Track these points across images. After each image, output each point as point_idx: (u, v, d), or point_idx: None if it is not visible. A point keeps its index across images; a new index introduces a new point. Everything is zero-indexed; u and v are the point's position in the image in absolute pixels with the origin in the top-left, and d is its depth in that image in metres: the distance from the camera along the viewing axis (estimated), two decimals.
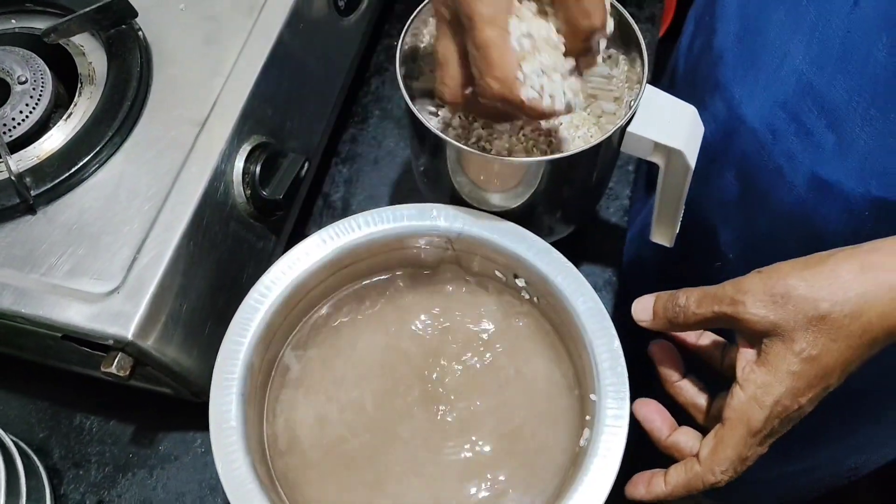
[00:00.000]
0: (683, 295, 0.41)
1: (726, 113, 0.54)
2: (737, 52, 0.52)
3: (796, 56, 0.47)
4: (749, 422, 0.38)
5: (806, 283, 0.37)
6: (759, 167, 0.52)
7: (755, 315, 0.38)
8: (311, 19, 0.59)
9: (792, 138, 0.49)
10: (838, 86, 0.45)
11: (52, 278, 0.46)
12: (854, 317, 0.36)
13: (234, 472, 0.42)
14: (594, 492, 0.42)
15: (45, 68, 0.53)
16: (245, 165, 0.52)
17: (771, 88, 0.49)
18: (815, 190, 0.49)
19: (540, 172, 0.48)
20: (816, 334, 0.37)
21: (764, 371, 0.38)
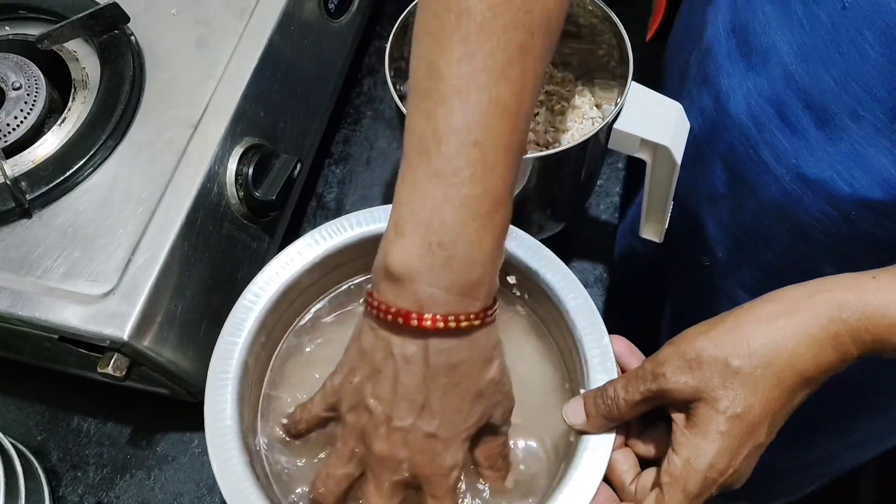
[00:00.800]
0: (611, 387, 0.42)
1: (713, 106, 0.54)
2: (725, 46, 0.52)
3: (783, 50, 0.47)
4: (685, 487, 0.39)
5: (713, 342, 0.38)
6: (745, 160, 0.53)
7: (676, 383, 0.38)
8: (301, 22, 0.59)
9: (776, 133, 0.49)
10: (825, 81, 0.45)
11: (48, 281, 0.47)
12: (765, 367, 0.37)
13: (230, 471, 0.43)
14: (584, 487, 0.42)
15: (38, 74, 0.54)
16: (238, 167, 0.52)
17: (757, 81, 0.50)
18: (799, 183, 0.49)
19: (529, 170, 0.49)
20: (736, 390, 0.37)
21: (694, 433, 0.39)
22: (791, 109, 0.48)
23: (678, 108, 0.49)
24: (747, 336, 0.37)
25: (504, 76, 0.34)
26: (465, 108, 0.34)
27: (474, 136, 0.34)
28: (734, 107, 0.52)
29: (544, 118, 0.54)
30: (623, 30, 0.50)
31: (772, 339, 0.37)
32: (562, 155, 0.48)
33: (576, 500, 0.42)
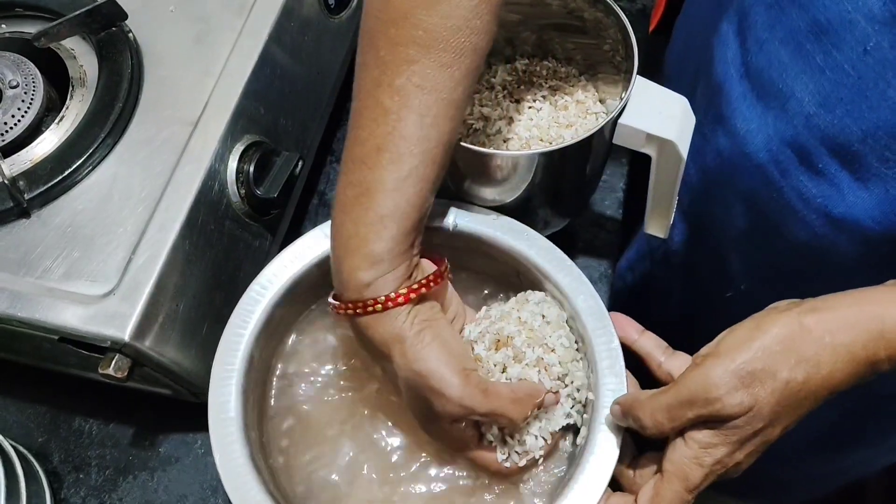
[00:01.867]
0: (646, 415, 0.40)
1: (731, 147, 0.52)
2: (739, 88, 0.51)
3: (803, 97, 0.46)
4: (687, 479, 0.39)
5: (763, 353, 0.38)
6: (769, 202, 0.51)
7: (734, 406, 0.38)
8: (301, 18, 0.59)
9: (801, 178, 0.48)
10: (850, 129, 0.44)
11: (48, 281, 0.47)
12: (804, 382, 0.37)
13: (232, 463, 0.42)
14: (590, 490, 0.42)
15: (36, 72, 0.53)
16: (239, 165, 0.52)
17: (777, 127, 0.48)
18: (829, 226, 0.48)
19: (533, 166, 0.49)
20: (774, 405, 0.37)
21: (712, 434, 0.39)
22: (815, 155, 0.47)
23: (684, 102, 0.49)
24: (795, 347, 0.37)
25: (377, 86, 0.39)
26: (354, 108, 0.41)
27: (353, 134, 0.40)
28: (753, 150, 0.50)
29: (548, 114, 0.53)
30: (628, 24, 0.49)
31: (815, 353, 0.37)
32: (566, 151, 0.47)
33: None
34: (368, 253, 0.40)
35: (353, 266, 0.40)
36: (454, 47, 0.38)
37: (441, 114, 0.40)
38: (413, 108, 0.39)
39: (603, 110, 0.55)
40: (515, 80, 0.56)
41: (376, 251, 0.40)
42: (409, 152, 0.39)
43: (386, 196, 0.40)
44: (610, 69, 0.55)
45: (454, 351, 0.41)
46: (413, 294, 0.41)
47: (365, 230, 0.40)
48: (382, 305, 0.40)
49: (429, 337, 0.41)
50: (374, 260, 0.40)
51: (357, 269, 0.40)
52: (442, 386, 0.40)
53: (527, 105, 0.54)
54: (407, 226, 0.40)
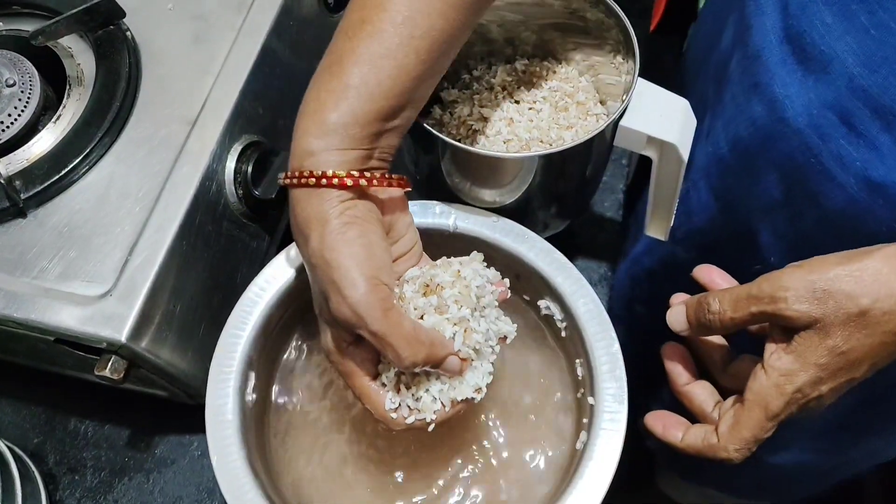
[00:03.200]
0: (715, 299, 0.41)
1: (767, 115, 0.52)
2: (779, 53, 0.50)
3: (846, 58, 0.45)
4: (767, 407, 0.39)
5: (850, 277, 0.37)
6: (806, 169, 0.51)
7: (797, 311, 0.38)
8: (300, 17, 0.58)
9: (842, 141, 0.48)
10: (893, 87, 0.44)
11: (44, 281, 0.46)
12: (892, 313, 0.36)
13: (229, 466, 0.42)
14: (589, 496, 0.41)
15: (33, 71, 0.53)
16: (237, 165, 0.51)
17: (818, 90, 0.48)
18: (867, 191, 0.48)
19: (533, 168, 0.48)
20: (853, 330, 0.37)
21: (791, 359, 0.38)
22: (857, 117, 0.47)
23: (685, 104, 0.48)
24: (887, 280, 0.37)
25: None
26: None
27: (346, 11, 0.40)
28: (793, 116, 0.50)
29: (548, 115, 0.53)
30: (629, 25, 0.49)
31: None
32: (567, 152, 0.47)
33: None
34: (322, 119, 0.38)
35: (305, 130, 0.39)
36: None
37: (435, 6, 0.39)
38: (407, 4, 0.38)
39: (604, 112, 0.55)
40: (515, 81, 0.56)
41: (330, 119, 0.38)
42: (391, 30, 0.38)
43: (356, 66, 0.38)
44: (611, 70, 0.55)
45: (374, 256, 0.39)
46: (351, 180, 0.38)
47: (325, 96, 0.38)
48: (317, 180, 0.38)
49: (354, 232, 0.38)
50: (325, 129, 0.38)
51: (307, 133, 0.39)
52: (344, 284, 0.37)
53: (527, 106, 0.54)
54: (371, 109, 0.39)
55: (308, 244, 0.39)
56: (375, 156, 0.40)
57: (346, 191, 0.39)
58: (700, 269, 0.46)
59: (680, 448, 0.42)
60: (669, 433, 0.43)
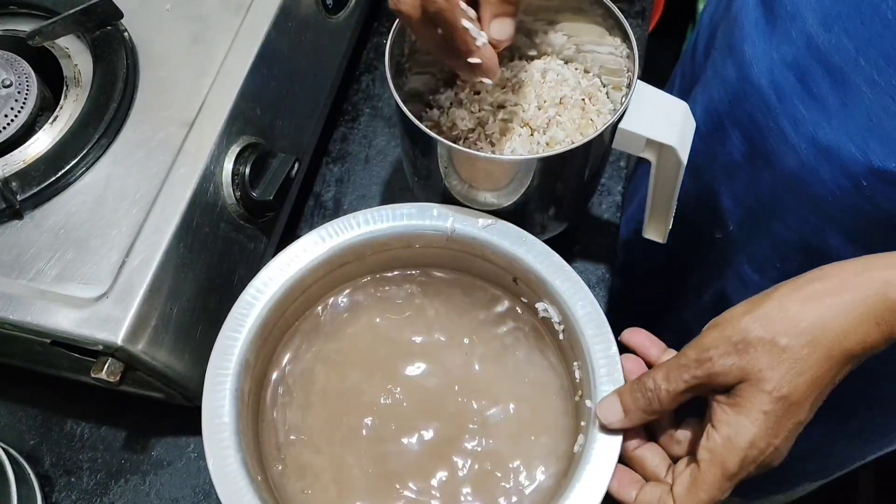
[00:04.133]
0: (649, 378, 0.41)
1: (736, 74, 0.54)
2: (753, 14, 0.52)
3: (807, 16, 0.47)
4: (724, 465, 0.38)
5: (759, 322, 0.38)
6: (765, 130, 0.52)
7: (724, 366, 0.38)
8: (298, 18, 0.58)
9: (797, 101, 0.49)
10: (845, 46, 0.45)
11: (40, 283, 0.46)
12: (812, 345, 0.37)
13: (226, 470, 0.42)
14: (587, 499, 0.41)
15: (30, 71, 0.52)
16: (234, 166, 0.51)
17: (780, 48, 0.49)
18: (816, 154, 0.49)
19: (531, 170, 0.48)
20: (783, 370, 0.37)
21: (736, 412, 0.38)
22: (812, 76, 0.48)
23: (684, 107, 0.48)
24: (795, 315, 0.37)
25: None
26: None
27: None
28: (757, 75, 0.51)
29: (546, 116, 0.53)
30: (629, 28, 0.49)
31: (820, 317, 0.37)
32: (565, 155, 0.47)
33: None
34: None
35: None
36: None
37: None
38: None
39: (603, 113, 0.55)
40: (513, 82, 0.55)
41: None
42: None
43: None
44: (609, 71, 0.55)
45: None
46: None
47: None
48: None
49: None
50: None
51: None
52: None
53: (525, 107, 0.53)
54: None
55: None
56: None
57: None
58: (628, 332, 0.46)
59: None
60: (623, 491, 0.42)
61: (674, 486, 0.40)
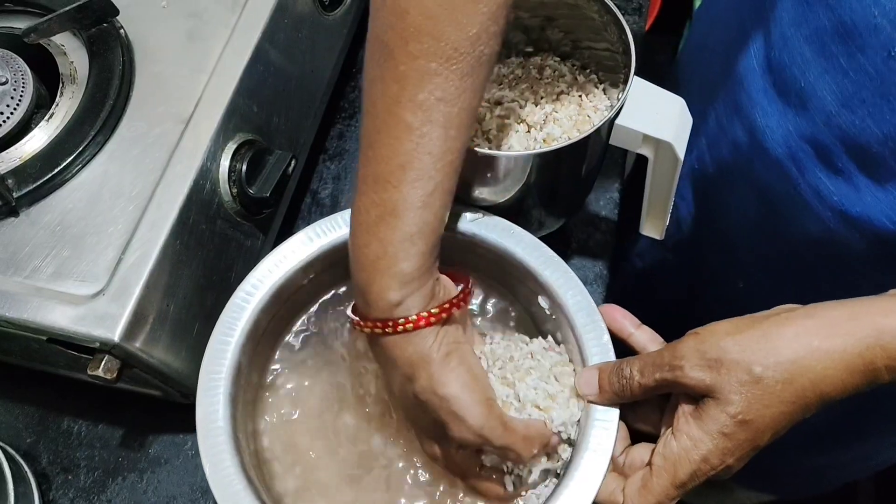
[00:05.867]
0: (627, 366, 0.42)
1: (748, 140, 0.53)
2: (760, 82, 0.51)
3: (824, 96, 0.46)
4: (675, 474, 0.39)
5: (739, 346, 0.38)
6: (783, 196, 0.52)
7: (692, 379, 0.38)
8: (295, 15, 0.58)
9: (819, 175, 0.48)
10: (870, 130, 0.44)
11: (37, 281, 0.46)
12: (787, 382, 0.37)
13: (222, 473, 0.42)
14: (585, 486, 0.42)
15: (25, 68, 0.52)
16: (231, 163, 0.51)
17: (796, 123, 0.48)
18: (843, 224, 0.48)
19: (528, 166, 0.48)
20: (750, 399, 0.37)
21: (697, 426, 0.39)
22: (834, 153, 0.47)
23: (681, 102, 0.48)
24: (776, 347, 0.37)
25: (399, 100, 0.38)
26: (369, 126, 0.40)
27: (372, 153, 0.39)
28: (772, 145, 0.50)
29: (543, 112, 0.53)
30: (625, 23, 0.49)
31: (801, 357, 0.37)
32: (562, 151, 0.47)
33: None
34: (398, 272, 0.39)
35: (384, 286, 0.39)
36: (475, 56, 0.38)
37: (463, 124, 0.39)
38: (436, 123, 0.38)
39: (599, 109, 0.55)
40: (509, 79, 0.55)
41: (406, 270, 0.39)
42: (433, 168, 0.39)
43: (414, 214, 0.39)
44: (606, 69, 0.55)
45: (479, 378, 0.41)
46: (444, 314, 0.40)
47: (394, 250, 0.39)
48: (414, 325, 0.40)
49: (455, 361, 0.40)
50: (404, 280, 0.39)
51: (387, 289, 0.39)
52: (465, 413, 0.40)
53: (522, 103, 0.53)
54: (433, 241, 0.40)
55: (416, 383, 0.40)
56: (436, 264, 0.42)
57: (438, 323, 0.40)
58: (604, 308, 0.46)
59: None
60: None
61: (626, 484, 0.41)
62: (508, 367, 0.44)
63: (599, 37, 0.53)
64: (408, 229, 0.39)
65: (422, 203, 0.39)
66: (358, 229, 0.40)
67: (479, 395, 0.40)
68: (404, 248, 0.39)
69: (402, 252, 0.39)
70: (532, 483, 0.44)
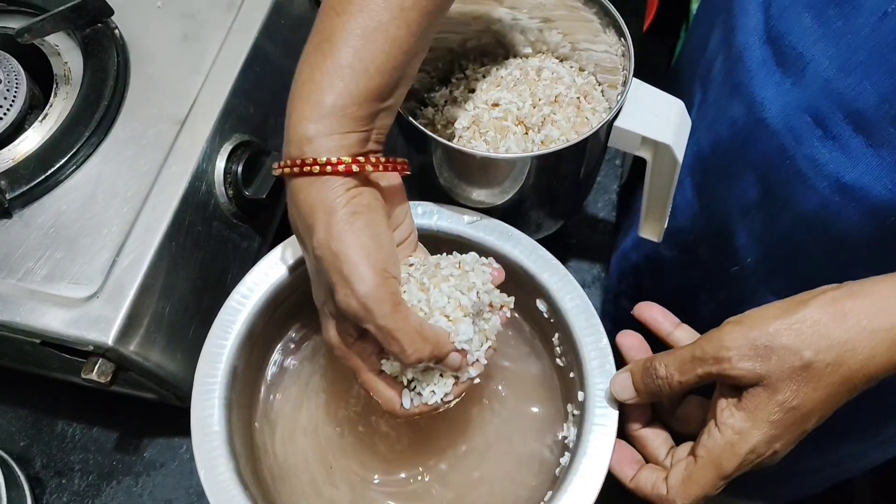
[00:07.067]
0: (660, 364, 0.40)
1: (745, 116, 0.53)
2: (759, 55, 0.51)
3: (822, 62, 0.46)
4: (721, 466, 0.38)
5: (790, 331, 0.37)
6: (781, 171, 0.52)
7: (742, 370, 0.37)
8: (291, 15, 0.58)
9: (816, 143, 0.48)
10: (867, 93, 0.44)
11: (30, 283, 0.45)
12: (836, 365, 0.36)
13: (217, 478, 0.41)
14: (585, 490, 0.41)
15: (19, 69, 0.52)
16: (227, 164, 0.51)
17: (795, 92, 0.49)
18: (839, 194, 0.48)
19: (526, 168, 0.48)
20: (800, 384, 0.37)
21: (743, 416, 0.38)
22: (831, 120, 0.47)
23: (680, 105, 0.48)
24: (825, 330, 0.36)
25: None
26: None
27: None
28: (770, 117, 0.50)
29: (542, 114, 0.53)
30: (624, 25, 0.49)
31: (850, 338, 0.36)
32: (560, 153, 0.47)
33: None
34: (318, 102, 0.37)
35: (301, 115, 0.37)
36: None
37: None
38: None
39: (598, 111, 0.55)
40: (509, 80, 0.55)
41: (326, 102, 0.37)
42: (381, 3, 0.37)
43: (348, 44, 0.37)
44: (604, 70, 0.54)
45: (382, 247, 0.38)
46: (357, 166, 0.37)
47: (320, 77, 0.37)
48: (321, 168, 0.37)
49: (361, 222, 0.37)
50: (322, 112, 0.37)
51: (303, 118, 0.37)
52: (354, 277, 0.36)
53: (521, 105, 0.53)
54: (368, 87, 0.37)
55: (313, 235, 0.38)
56: (373, 137, 0.39)
57: (350, 177, 0.38)
58: (641, 306, 0.45)
59: (628, 487, 0.42)
60: (622, 470, 0.42)
61: (669, 475, 0.40)
62: (430, 272, 0.41)
63: (598, 39, 0.53)
64: (339, 59, 0.37)
65: (360, 34, 0.37)
66: (301, 58, 0.39)
67: (376, 263, 0.37)
68: (331, 78, 0.37)
69: (328, 82, 0.37)
70: (431, 405, 0.41)
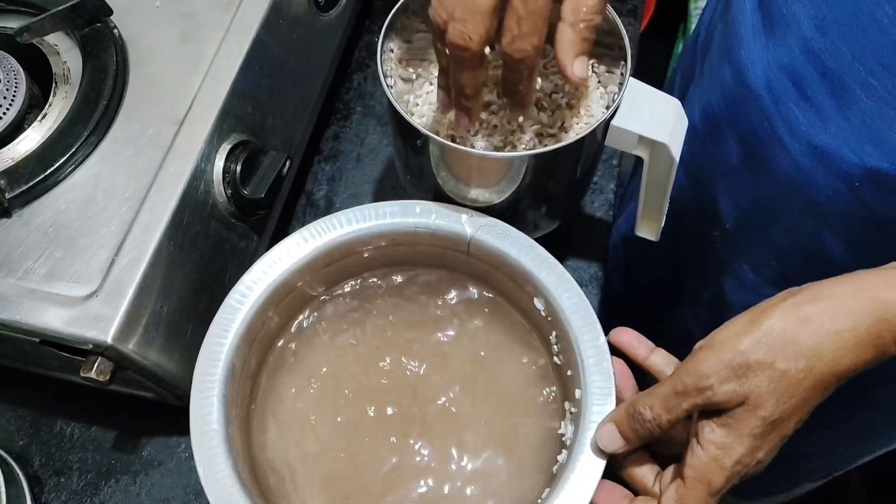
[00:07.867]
0: (645, 408, 0.40)
1: (733, 79, 0.54)
2: (750, 20, 0.53)
3: (802, 21, 0.47)
4: (710, 483, 0.39)
5: (759, 345, 0.37)
6: (760, 134, 0.53)
7: (726, 394, 0.38)
8: (290, 15, 0.58)
9: (792, 105, 0.49)
10: (841, 52, 0.45)
11: (29, 282, 0.46)
12: (808, 370, 0.37)
13: (216, 476, 0.42)
14: (582, 489, 0.41)
15: (18, 68, 0.52)
16: (225, 164, 0.51)
17: (776, 53, 0.50)
18: (811, 157, 0.49)
19: (523, 167, 0.48)
20: (778, 396, 0.37)
21: (725, 432, 0.38)
22: (807, 80, 0.48)
23: (676, 104, 0.48)
24: (795, 338, 0.37)
25: None
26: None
27: None
28: (753, 79, 0.52)
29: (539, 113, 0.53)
30: (620, 24, 0.49)
31: (817, 342, 0.37)
32: (558, 152, 0.47)
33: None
34: None
35: None
36: None
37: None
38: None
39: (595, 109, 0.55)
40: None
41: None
42: None
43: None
44: (601, 69, 0.54)
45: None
46: None
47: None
48: None
49: None
50: None
51: None
52: None
53: None
54: None
55: None
56: None
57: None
58: (616, 331, 0.46)
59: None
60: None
61: (661, 501, 0.40)
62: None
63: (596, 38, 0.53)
64: None
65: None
66: None
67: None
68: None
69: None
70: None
